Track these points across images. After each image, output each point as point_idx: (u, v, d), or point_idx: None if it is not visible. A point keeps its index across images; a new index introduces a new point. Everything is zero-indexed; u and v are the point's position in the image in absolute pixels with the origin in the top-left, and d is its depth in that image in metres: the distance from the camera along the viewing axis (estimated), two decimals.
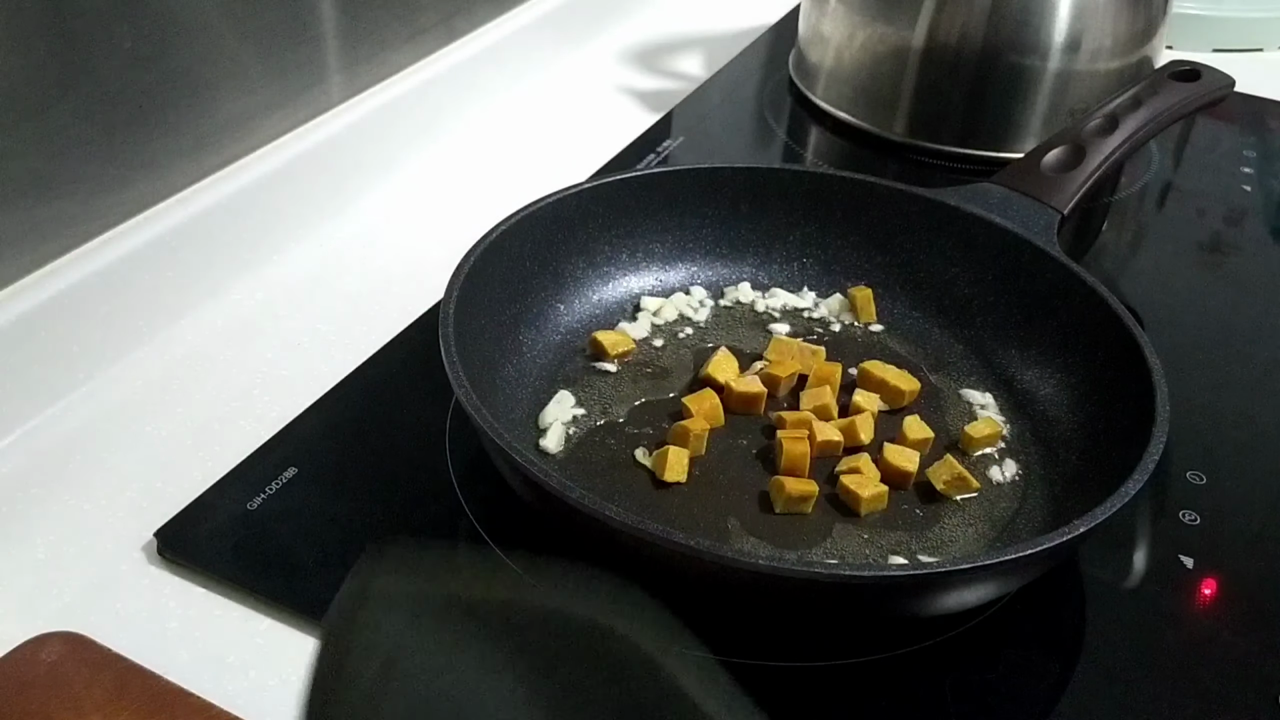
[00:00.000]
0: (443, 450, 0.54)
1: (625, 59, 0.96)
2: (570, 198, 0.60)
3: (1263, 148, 0.90)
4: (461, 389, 0.47)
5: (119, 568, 0.48)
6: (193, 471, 0.52)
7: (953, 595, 0.45)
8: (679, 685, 0.27)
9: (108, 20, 0.55)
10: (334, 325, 0.63)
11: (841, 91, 0.86)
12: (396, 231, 0.72)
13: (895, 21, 0.80)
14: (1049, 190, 0.63)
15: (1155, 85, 0.69)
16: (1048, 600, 0.49)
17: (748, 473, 0.53)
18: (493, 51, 0.83)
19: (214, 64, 0.62)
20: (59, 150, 0.54)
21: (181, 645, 0.45)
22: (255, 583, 0.47)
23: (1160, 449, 0.46)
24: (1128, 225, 0.81)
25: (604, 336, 0.59)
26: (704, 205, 0.65)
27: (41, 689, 0.40)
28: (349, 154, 0.72)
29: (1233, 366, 0.65)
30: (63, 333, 0.55)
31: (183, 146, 0.62)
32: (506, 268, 0.57)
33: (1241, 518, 0.54)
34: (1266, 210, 0.81)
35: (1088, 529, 0.43)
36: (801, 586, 0.42)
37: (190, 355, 0.60)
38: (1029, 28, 0.78)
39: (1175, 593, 0.50)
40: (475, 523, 0.50)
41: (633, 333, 0.61)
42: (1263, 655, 0.47)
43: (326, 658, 0.27)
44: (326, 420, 0.56)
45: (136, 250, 0.59)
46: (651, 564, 0.44)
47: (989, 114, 0.81)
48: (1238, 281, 0.74)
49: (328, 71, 0.70)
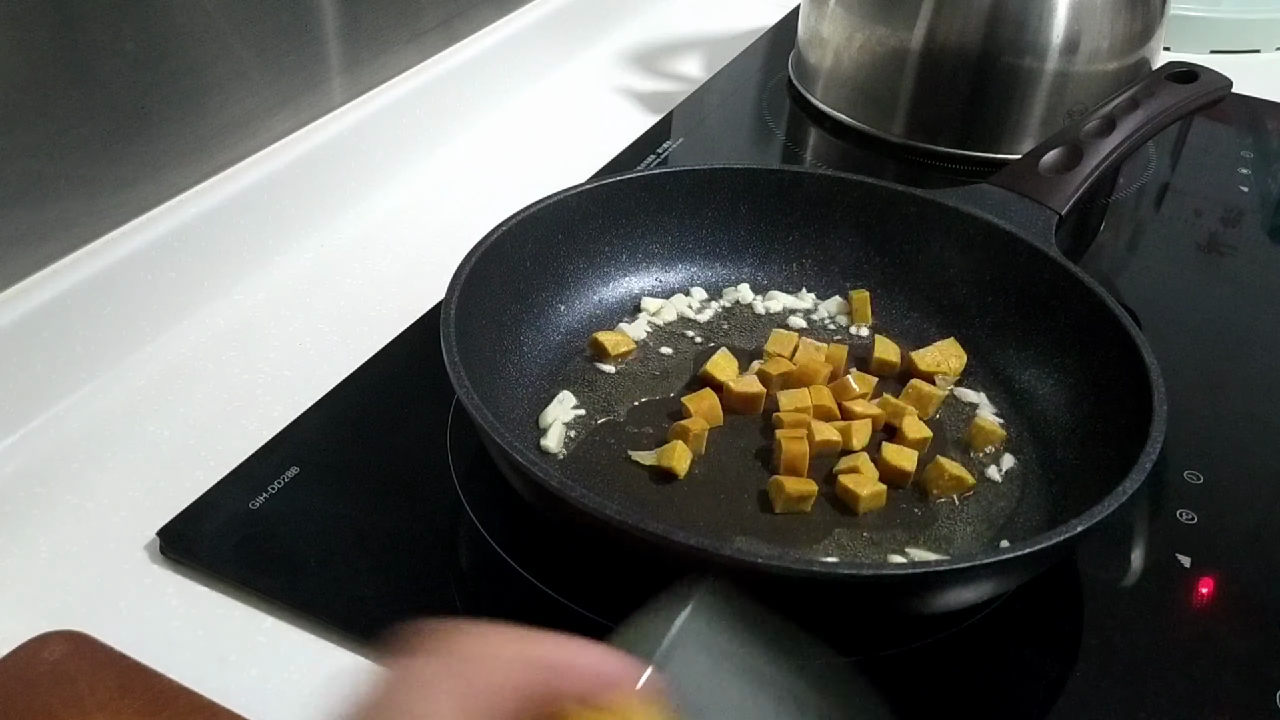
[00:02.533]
0: (444, 450, 0.54)
1: (625, 61, 0.97)
2: (571, 199, 0.60)
3: (1260, 149, 0.90)
4: (463, 389, 0.47)
5: (122, 567, 0.48)
6: (195, 471, 0.52)
7: (951, 594, 0.45)
8: None
9: (110, 23, 0.55)
10: (336, 325, 0.64)
11: (840, 93, 0.86)
12: (398, 232, 0.72)
13: (894, 23, 0.81)
14: (1047, 191, 0.64)
15: (1153, 87, 0.69)
16: (1045, 599, 0.49)
17: (748, 472, 0.53)
18: (493, 53, 0.84)
19: (216, 66, 0.62)
20: (61, 151, 0.55)
21: (184, 644, 0.45)
22: (257, 581, 0.47)
23: (1158, 448, 0.46)
24: (1125, 226, 0.81)
25: (604, 337, 0.60)
26: (704, 206, 0.65)
27: (45, 687, 0.41)
28: (350, 156, 0.72)
29: (1230, 366, 0.65)
30: (66, 333, 0.56)
31: (184, 148, 0.62)
32: (507, 268, 0.57)
33: (1239, 517, 0.54)
34: (1263, 211, 0.82)
35: (1085, 528, 0.43)
36: (800, 585, 0.42)
37: (193, 355, 0.60)
38: (1027, 29, 0.78)
39: (1173, 592, 0.50)
40: (476, 522, 0.51)
41: (633, 333, 0.61)
42: (1260, 654, 0.48)
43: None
44: (328, 420, 0.56)
45: (139, 251, 0.59)
46: (651, 563, 0.44)
47: (987, 115, 0.81)
48: (1235, 281, 0.74)
49: (329, 73, 0.71)
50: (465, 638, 0.28)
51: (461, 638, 0.28)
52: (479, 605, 0.47)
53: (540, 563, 0.49)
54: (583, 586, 0.47)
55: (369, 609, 0.46)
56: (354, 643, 0.45)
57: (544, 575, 0.48)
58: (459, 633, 0.28)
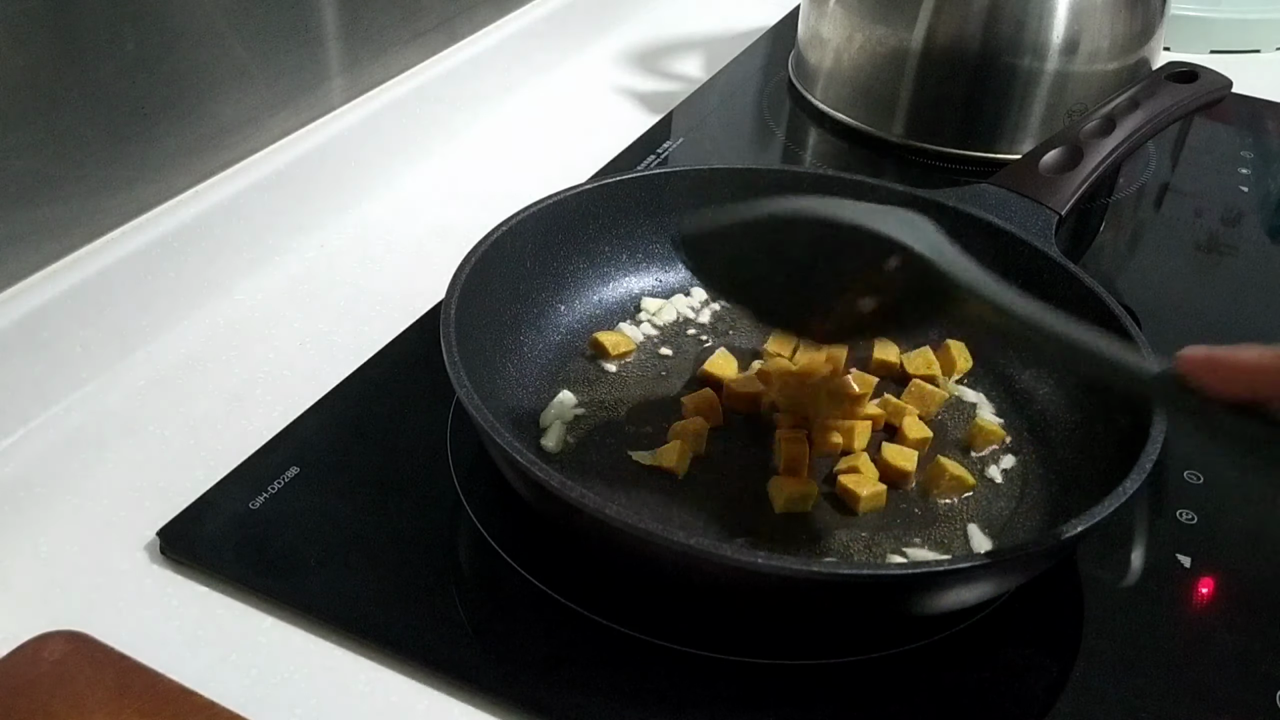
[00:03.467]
0: (444, 449, 0.54)
1: (625, 61, 0.97)
2: (571, 199, 0.60)
3: (1260, 149, 0.90)
4: (463, 389, 0.47)
5: (122, 567, 0.48)
6: (195, 471, 0.52)
7: (951, 594, 0.45)
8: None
9: (110, 22, 0.55)
10: (336, 325, 0.64)
11: (840, 93, 0.87)
12: (398, 232, 0.72)
13: (894, 23, 0.81)
14: (1047, 191, 0.64)
15: (1152, 86, 0.69)
16: (1046, 599, 0.49)
17: (748, 472, 0.53)
18: (493, 53, 0.84)
19: (216, 66, 0.62)
20: (61, 151, 0.55)
21: (184, 644, 0.45)
22: (257, 582, 0.47)
23: (1158, 448, 0.46)
24: (1125, 226, 0.81)
25: (604, 337, 0.60)
26: (704, 206, 0.65)
27: (44, 688, 0.41)
28: (350, 155, 0.72)
29: None
30: (65, 333, 0.56)
31: (185, 148, 0.62)
32: (507, 268, 0.57)
33: (1239, 517, 0.54)
34: (1263, 211, 0.82)
35: (1086, 528, 0.43)
36: (801, 585, 0.42)
37: (192, 355, 0.60)
38: (1027, 29, 0.78)
39: (1173, 592, 0.50)
40: (477, 522, 0.51)
41: (632, 334, 0.61)
42: (1260, 654, 0.48)
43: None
44: (329, 420, 0.56)
45: (139, 251, 0.59)
46: (652, 563, 0.44)
47: (987, 115, 0.81)
48: (1235, 282, 0.74)
49: (329, 73, 0.71)
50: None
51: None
52: (479, 605, 0.47)
53: (540, 563, 0.49)
54: (583, 586, 0.47)
55: (369, 609, 0.46)
56: (354, 643, 0.45)
57: (544, 575, 0.48)
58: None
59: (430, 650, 0.45)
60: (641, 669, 0.45)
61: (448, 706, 0.43)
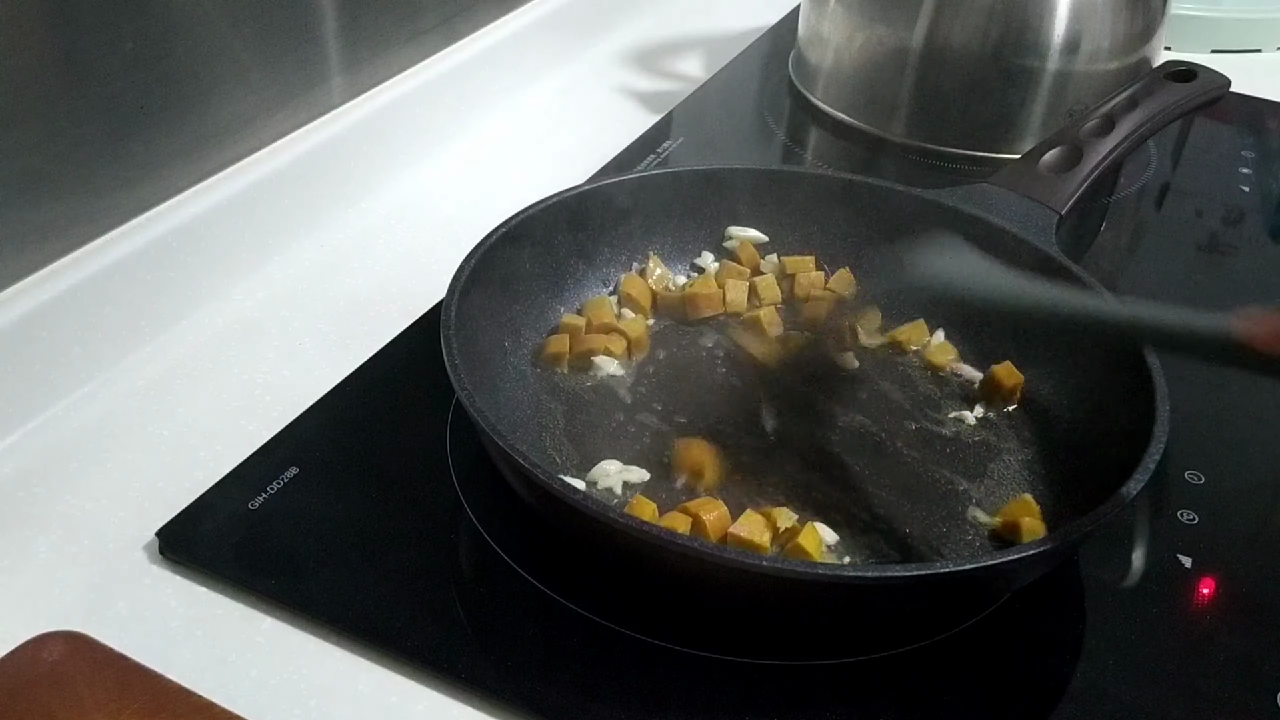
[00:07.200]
0: (444, 450, 0.54)
1: (625, 60, 0.97)
2: (571, 199, 0.60)
3: (1261, 148, 0.90)
4: (463, 390, 0.47)
5: (121, 567, 0.48)
6: (194, 471, 0.52)
7: (952, 595, 0.45)
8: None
9: (109, 21, 0.55)
10: (335, 326, 0.64)
11: (841, 92, 0.86)
12: (398, 232, 0.72)
13: (894, 23, 0.81)
14: (1047, 191, 0.64)
15: (1151, 86, 0.69)
16: (1047, 600, 0.49)
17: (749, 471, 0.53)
18: (493, 53, 0.84)
19: (215, 65, 0.62)
20: (61, 151, 0.55)
21: (183, 644, 0.45)
22: (257, 582, 0.47)
23: (1160, 449, 0.46)
24: (1126, 225, 0.81)
25: (631, 285, 0.62)
26: (704, 206, 0.65)
27: (43, 688, 0.40)
28: (350, 155, 0.72)
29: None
30: (65, 333, 0.56)
31: (184, 147, 0.62)
32: (507, 269, 0.57)
33: (1240, 517, 0.54)
34: (1264, 210, 0.82)
35: (1088, 530, 0.43)
36: (802, 586, 0.42)
37: (192, 355, 0.60)
38: (1028, 29, 0.78)
39: (1174, 592, 0.50)
40: (476, 523, 0.50)
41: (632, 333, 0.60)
42: (1261, 654, 0.47)
43: None
44: (328, 420, 0.56)
45: (138, 251, 0.59)
46: (652, 564, 0.44)
47: (987, 115, 0.81)
48: (1236, 281, 0.74)
49: (329, 73, 0.71)
50: None
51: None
52: (478, 605, 0.47)
53: (540, 563, 0.49)
54: (582, 587, 0.47)
55: (368, 609, 0.46)
56: (353, 643, 0.45)
57: (544, 576, 0.48)
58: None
59: (430, 650, 0.45)
60: (641, 669, 0.45)
61: (447, 706, 0.43)
